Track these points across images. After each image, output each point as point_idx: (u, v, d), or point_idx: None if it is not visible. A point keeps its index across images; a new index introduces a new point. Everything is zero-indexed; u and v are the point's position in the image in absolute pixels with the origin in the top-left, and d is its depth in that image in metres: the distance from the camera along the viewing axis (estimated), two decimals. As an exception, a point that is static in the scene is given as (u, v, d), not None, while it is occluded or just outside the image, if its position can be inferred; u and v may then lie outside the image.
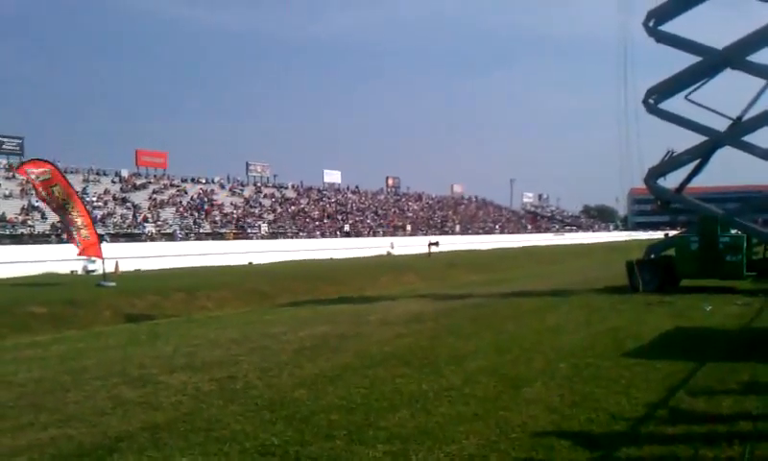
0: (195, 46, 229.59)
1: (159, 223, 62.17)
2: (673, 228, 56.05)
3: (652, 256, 21.60)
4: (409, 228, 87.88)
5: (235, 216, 71.30)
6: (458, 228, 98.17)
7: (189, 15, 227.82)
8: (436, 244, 52.24)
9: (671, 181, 22.45)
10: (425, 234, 76.95)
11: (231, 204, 75.62)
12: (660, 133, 24.39)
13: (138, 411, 7.34)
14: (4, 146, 65.85)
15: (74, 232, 25.19)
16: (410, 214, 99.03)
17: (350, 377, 8.73)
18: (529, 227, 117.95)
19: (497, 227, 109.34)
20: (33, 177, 25.50)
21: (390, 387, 8.10)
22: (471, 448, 5.81)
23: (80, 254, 26.24)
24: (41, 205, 56.68)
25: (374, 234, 78.23)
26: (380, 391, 7.91)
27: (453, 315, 15.65)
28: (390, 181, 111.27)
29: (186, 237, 59.96)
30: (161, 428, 6.63)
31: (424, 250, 49.65)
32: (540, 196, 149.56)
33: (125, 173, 72.80)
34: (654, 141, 22.57)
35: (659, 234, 39.71)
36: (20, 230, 51.73)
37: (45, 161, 25.46)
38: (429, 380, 8.39)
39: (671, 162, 21.68)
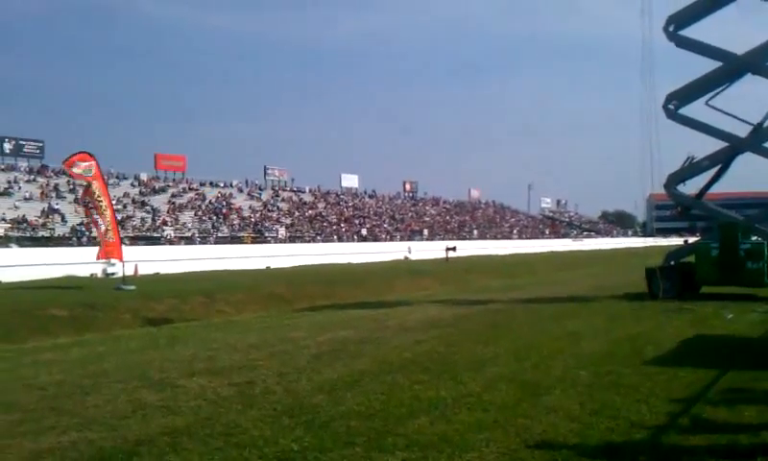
0: (213, 52, 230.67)
1: (178, 226, 62.50)
2: (692, 234, 55.64)
3: (672, 263, 21.44)
4: (426, 232, 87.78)
5: (253, 220, 71.53)
6: (476, 233, 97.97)
7: (208, 22, 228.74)
8: (453, 249, 52.09)
9: (691, 186, 22.31)
10: (443, 239, 76.90)
11: (250, 207, 75.88)
12: (680, 138, 24.25)
13: (158, 415, 7.37)
14: (24, 149, 66.54)
15: (103, 233, 25.21)
16: (427, 219, 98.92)
17: (369, 383, 8.72)
18: (547, 232, 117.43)
19: (515, 232, 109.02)
20: (78, 171, 25.49)
21: (408, 394, 8.08)
22: (491, 457, 5.79)
23: (99, 257, 26.26)
24: (62, 206, 57.36)
25: (392, 239, 78.27)
26: (399, 397, 7.90)
27: (472, 321, 15.61)
28: (407, 186, 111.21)
29: (205, 241, 60.18)
30: (181, 433, 6.66)
31: (442, 255, 49.52)
32: (558, 201, 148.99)
33: (144, 176, 73.25)
34: (674, 147, 22.45)
35: (678, 240, 39.45)
36: (40, 233, 52.17)
37: (90, 155, 25.38)
38: (448, 387, 8.36)
39: (691, 168, 21.54)
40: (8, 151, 65.21)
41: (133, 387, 8.76)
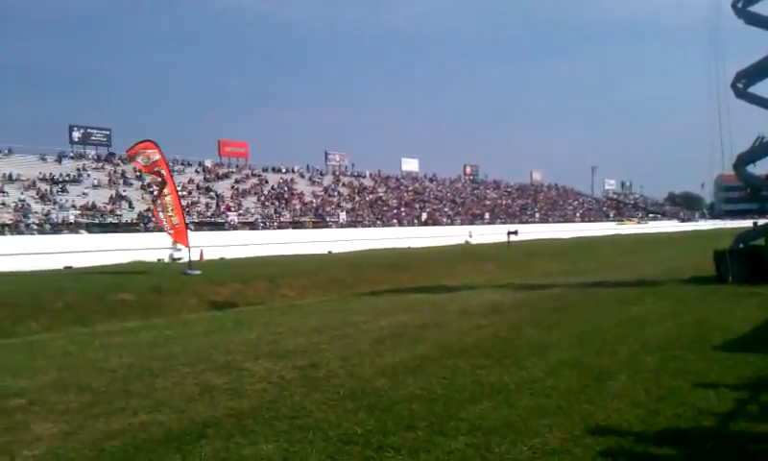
0: (275, 40, 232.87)
1: (241, 212, 63.45)
2: (762, 216, 53.97)
3: (741, 246, 20.85)
4: (487, 216, 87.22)
5: (314, 205, 72.17)
6: (538, 216, 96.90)
7: (268, 10, 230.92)
8: (515, 233, 51.56)
9: (761, 167, 21.64)
10: (504, 223, 76.29)
11: (311, 193, 76.57)
12: (750, 118, 23.51)
13: (225, 398, 7.52)
14: (92, 137, 68.46)
15: (164, 219, 25.73)
16: (488, 202, 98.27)
17: (431, 368, 8.73)
18: (612, 214, 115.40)
19: (578, 215, 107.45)
20: (140, 159, 26.03)
21: (470, 378, 8.07)
22: (555, 442, 5.74)
23: (174, 240, 26.82)
24: (129, 193, 58.76)
25: (452, 223, 78.04)
26: (461, 382, 7.89)
27: (534, 305, 15.48)
28: (468, 169, 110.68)
29: (267, 226, 60.99)
30: (247, 415, 6.78)
31: (503, 238, 49.13)
32: (622, 183, 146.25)
33: (208, 163, 74.55)
34: (744, 126, 21.80)
35: (747, 223, 38.33)
36: (108, 220, 53.63)
37: (154, 144, 25.83)
38: (510, 372, 8.31)
39: (761, 148, 20.88)
40: (76, 139, 67.25)
41: (200, 370, 8.95)
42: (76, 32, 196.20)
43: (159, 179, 26.01)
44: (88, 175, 61.57)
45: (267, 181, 75.29)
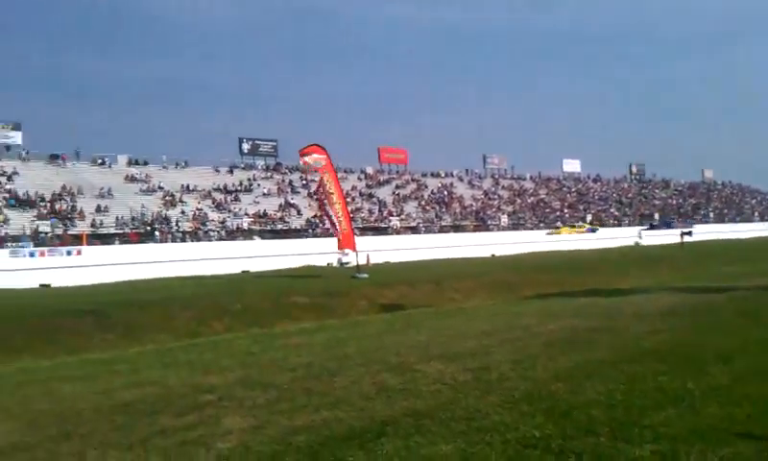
0: (428, 46, 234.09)
1: (403, 217, 64.47)
2: None
3: None
4: (657, 217, 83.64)
5: (474, 208, 72.11)
6: (712, 216, 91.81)
7: (421, 16, 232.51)
8: (689, 233, 49.26)
9: None
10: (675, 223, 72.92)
11: (471, 196, 76.58)
12: None
13: (400, 397, 7.63)
14: (260, 149, 72.00)
15: (336, 224, 26.41)
16: (657, 202, 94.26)
17: (607, 372, 8.47)
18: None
19: (757, 214, 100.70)
20: (311, 161, 26.56)
21: (651, 384, 7.74)
22: (749, 452, 5.41)
23: (340, 247, 27.47)
24: (297, 201, 61.17)
25: (619, 224, 75.56)
26: (641, 388, 7.59)
27: (714, 309, 14.64)
28: (633, 168, 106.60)
29: (428, 230, 61.59)
30: (423, 415, 6.84)
31: (675, 240, 46.96)
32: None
33: (369, 170, 76.35)
34: None
35: None
36: (279, 226, 56.20)
37: (322, 149, 26.47)
38: (694, 379, 7.89)
39: None
40: (246, 151, 70.98)
41: (375, 370, 9.15)
42: (239, 50, 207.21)
43: (324, 186, 26.64)
44: (258, 184, 64.71)
45: (426, 186, 76.06)
